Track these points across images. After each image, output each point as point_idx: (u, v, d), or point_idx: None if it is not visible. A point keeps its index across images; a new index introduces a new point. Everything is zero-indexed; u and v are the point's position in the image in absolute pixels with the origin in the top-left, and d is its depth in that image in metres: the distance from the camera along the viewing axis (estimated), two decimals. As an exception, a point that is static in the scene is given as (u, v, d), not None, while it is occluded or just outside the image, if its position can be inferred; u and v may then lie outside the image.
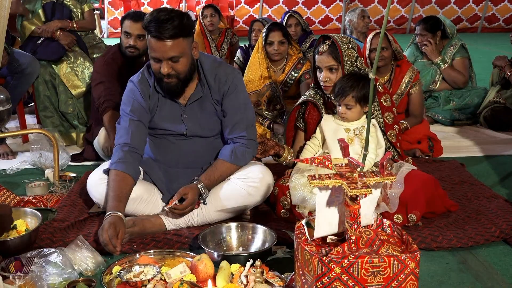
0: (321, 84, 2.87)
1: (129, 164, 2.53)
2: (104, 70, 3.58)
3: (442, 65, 4.66)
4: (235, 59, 5.50)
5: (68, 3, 4.32)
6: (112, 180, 2.49)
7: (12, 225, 2.47)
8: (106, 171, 2.58)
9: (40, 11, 4.21)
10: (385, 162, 1.74)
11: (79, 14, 4.38)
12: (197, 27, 5.56)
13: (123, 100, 2.68)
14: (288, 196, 2.72)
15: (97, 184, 2.62)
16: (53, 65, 4.18)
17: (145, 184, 2.65)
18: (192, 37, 2.52)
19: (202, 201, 2.59)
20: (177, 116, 2.65)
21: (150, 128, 2.69)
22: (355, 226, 1.68)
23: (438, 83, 4.71)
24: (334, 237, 1.79)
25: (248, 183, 2.60)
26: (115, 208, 2.39)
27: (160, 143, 2.72)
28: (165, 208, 2.54)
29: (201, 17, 5.68)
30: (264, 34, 4.22)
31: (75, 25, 4.28)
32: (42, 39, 4.18)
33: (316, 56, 2.86)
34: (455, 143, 4.14)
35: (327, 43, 2.83)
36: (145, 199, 2.62)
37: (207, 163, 2.68)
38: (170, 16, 2.39)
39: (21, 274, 2.04)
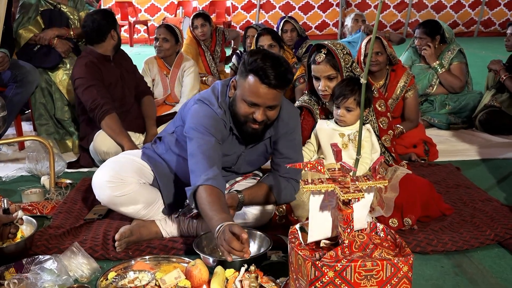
0: (320, 93, 2.85)
1: (222, 184, 2.35)
2: (87, 73, 3.58)
3: (439, 70, 4.68)
4: (230, 64, 5.50)
5: (65, 10, 4.31)
6: (212, 195, 2.26)
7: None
8: (197, 187, 2.33)
9: (39, 18, 4.19)
10: (377, 167, 1.75)
11: (76, 21, 4.35)
12: (190, 34, 5.47)
13: (202, 117, 2.47)
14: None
15: (105, 187, 2.55)
16: (49, 72, 4.16)
17: (154, 191, 2.63)
18: None
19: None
20: (235, 155, 2.61)
21: None
22: (348, 230, 1.69)
23: (435, 87, 4.73)
24: (327, 242, 1.80)
25: (252, 210, 2.60)
26: (226, 219, 2.13)
27: None
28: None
29: (191, 28, 5.43)
30: (254, 40, 4.28)
31: (72, 32, 4.27)
32: (38, 46, 4.15)
33: (313, 66, 2.83)
34: (450, 147, 4.15)
35: (323, 52, 2.81)
36: (150, 207, 2.61)
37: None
38: (286, 68, 2.33)
39: (16, 281, 2.04)
